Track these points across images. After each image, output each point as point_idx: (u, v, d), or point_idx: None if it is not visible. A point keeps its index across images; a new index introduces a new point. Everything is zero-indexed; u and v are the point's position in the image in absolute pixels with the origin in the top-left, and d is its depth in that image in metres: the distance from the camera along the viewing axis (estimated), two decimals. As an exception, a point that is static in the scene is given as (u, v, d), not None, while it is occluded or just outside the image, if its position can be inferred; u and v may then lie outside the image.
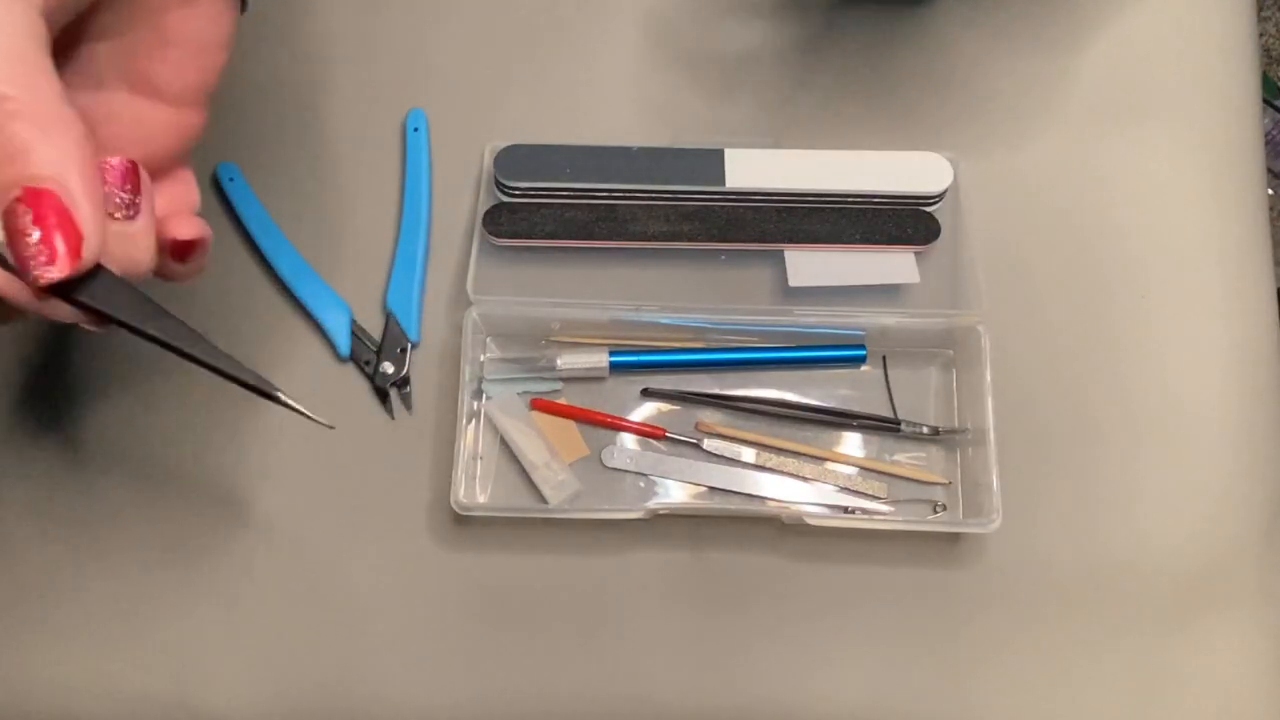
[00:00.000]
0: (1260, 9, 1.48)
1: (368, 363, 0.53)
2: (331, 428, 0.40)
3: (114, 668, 0.50)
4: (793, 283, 0.53)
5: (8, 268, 0.32)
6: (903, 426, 0.52)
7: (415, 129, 0.57)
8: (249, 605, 0.50)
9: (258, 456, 0.52)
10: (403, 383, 0.53)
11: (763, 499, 0.51)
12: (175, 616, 0.50)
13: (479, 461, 0.52)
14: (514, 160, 0.54)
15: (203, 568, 0.51)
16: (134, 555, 0.51)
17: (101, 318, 0.34)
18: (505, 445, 0.52)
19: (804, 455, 0.52)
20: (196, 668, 0.50)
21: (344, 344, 0.54)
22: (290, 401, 0.38)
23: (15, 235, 0.31)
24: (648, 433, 0.52)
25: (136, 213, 0.34)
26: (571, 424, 0.53)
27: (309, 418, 0.39)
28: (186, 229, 0.38)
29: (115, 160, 0.34)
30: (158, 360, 0.53)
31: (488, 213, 0.54)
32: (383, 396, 0.53)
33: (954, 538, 0.51)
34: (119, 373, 0.54)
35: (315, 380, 0.54)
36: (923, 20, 0.59)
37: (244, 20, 0.61)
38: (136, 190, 0.34)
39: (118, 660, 0.50)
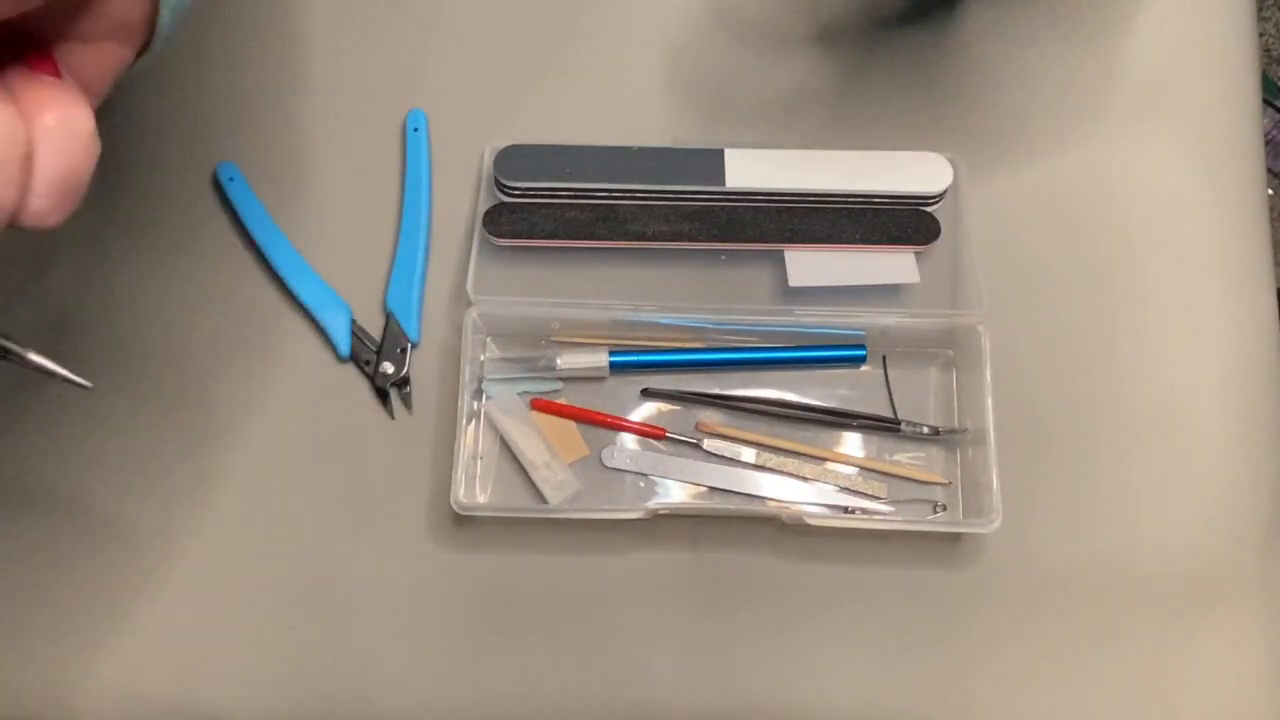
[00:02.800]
0: (1260, 9, 1.48)
1: (368, 363, 0.53)
2: (88, 387, 0.36)
3: (114, 668, 0.50)
4: (793, 283, 0.53)
5: None
6: (903, 426, 0.52)
7: (415, 129, 0.57)
8: (249, 605, 0.50)
9: (257, 456, 0.52)
10: (403, 383, 0.53)
11: (763, 499, 0.51)
12: (175, 616, 0.50)
13: (479, 461, 0.52)
14: (514, 160, 0.54)
15: (202, 567, 0.51)
16: (134, 555, 0.51)
17: None
18: (505, 445, 0.52)
19: (804, 455, 0.52)
20: (196, 668, 0.50)
21: (344, 344, 0.54)
22: (39, 360, 0.35)
23: None
24: (648, 433, 0.52)
25: None
26: (571, 424, 0.53)
27: (66, 378, 0.35)
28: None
29: None
30: (158, 361, 0.54)
31: (488, 213, 0.54)
32: (383, 396, 0.53)
33: (954, 538, 0.51)
34: (118, 373, 0.54)
35: (315, 380, 0.54)
36: (923, 23, 0.59)
37: (244, 20, 0.61)
38: None
39: (118, 660, 0.50)
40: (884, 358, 0.54)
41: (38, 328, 0.54)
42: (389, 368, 0.53)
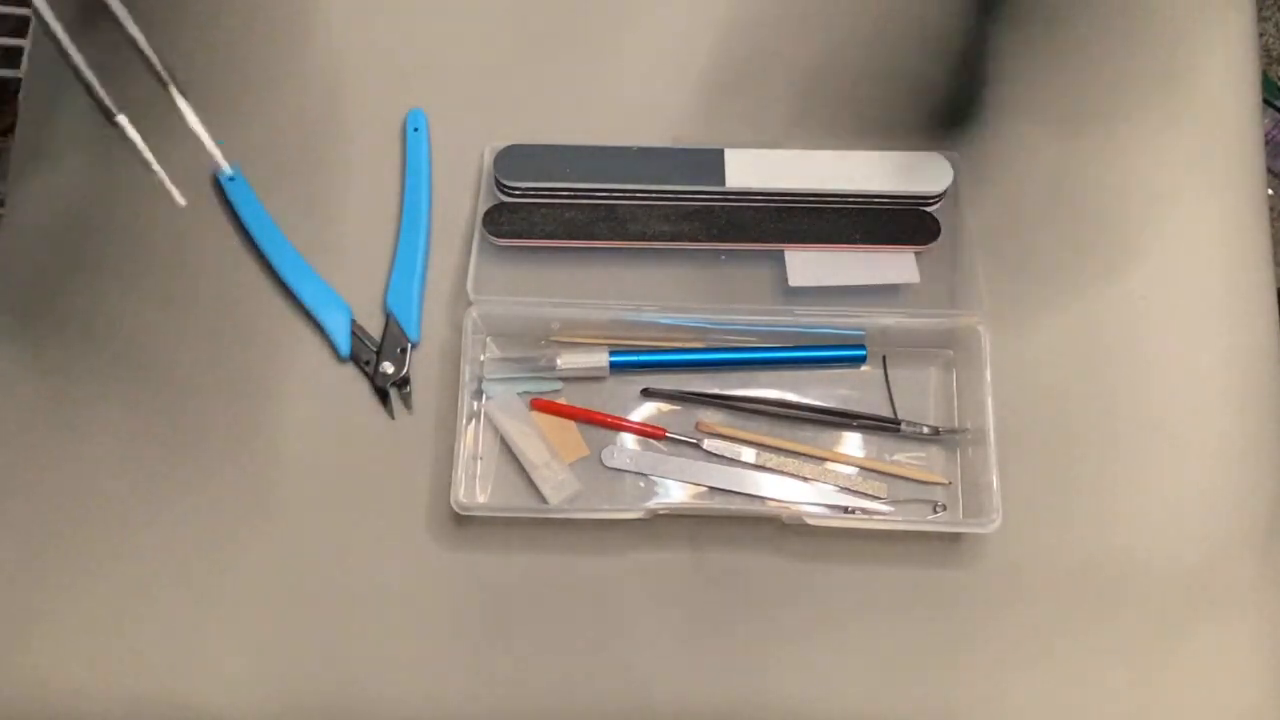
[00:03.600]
0: (1260, 9, 1.48)
1: (368, 363, 0.53)
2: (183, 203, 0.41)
3: (114, 668, 0.50)
4: (793, 283, 0.53)
5: None
6: (903, 426, 0.52)
7: (415, 129, 0.57)
8: (249, 605, 0.50)
9: (258, 458, 0.52)
10: (403, 383, 0.53)
11: (763, 499, 0.51)
12: (175, 617, 0.50)
13: (479, 461, 0.52)
14: (514, 160, 0.54)
15: (203, 568, 0.51)
16: (134, 556, 0.51)
17: None
18: (505, 445, 0.52)
19: (804, 455, 0.52)
20: (196, 668, 0.50)
21: (344, 344, 0.54)
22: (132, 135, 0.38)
23: None
24: (648, 433, 0.52)
25: None
26: (571, 424, 0.53)
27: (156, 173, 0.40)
28: None
29: None
30: (159, 361, 0.54)
31: (488, 213, 0.54)
32: (383, 396, 0.53)
33: (954, 538, 0.51)
34: (119, 372, 0.54)
35: (315, 380, 0.54)
36: (923, 21, 0.59)
37: (244, 21, 0.61)
38: None
39: (118, 660, 0.50)
40: (884, 358, 0.54)
41: (41, 329, 0.54)
42: (389, 368, 0.53)
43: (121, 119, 0.38)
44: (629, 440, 0.53)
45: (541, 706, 0.49)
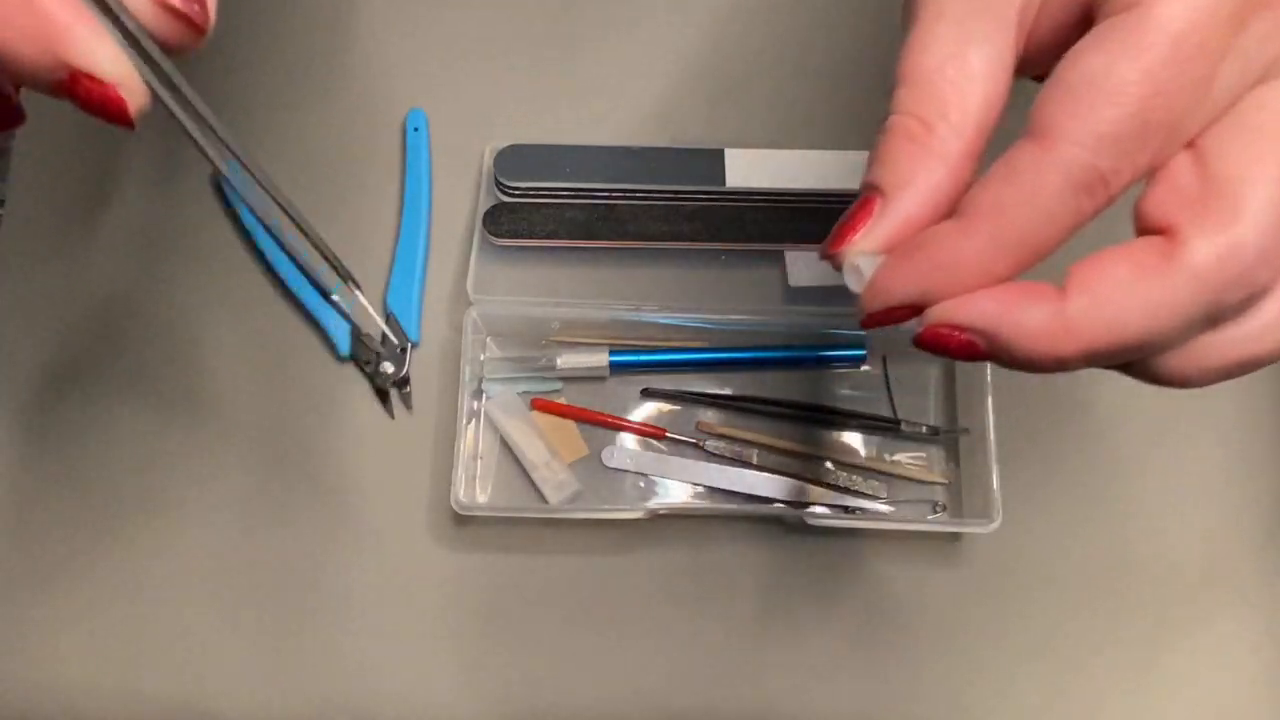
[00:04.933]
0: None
1: (368, 363, 0.53)
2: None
3: (114, 668, 0.50)
4: (793, 283, 0.53)
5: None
6: (903, 426, 0.52)
7: (415, 129, 0.57)
8: (248, 605, 0.50)
9: (257, 456, 0.52)
10: (403, 383, 0.53)
11: (763, 499, 0.51)
12: (174, 616, 0.50)
13: (479, 461, 0.52)
14: (514, 160, 0.54)
15: (201, 567, 0.51)
16: (131, 556, 0.51)
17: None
18: (505, 445, 0.52)
19: (804, 455, 0.52)
20: (196, 667, 0.50)
21: (344, 344, 0.54)
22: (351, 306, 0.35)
23: None
24: (648, 433, 0.52)
25: None
26: (571, 424, 0.53)
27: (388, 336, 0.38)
28: None
29: None
30: (157, 361, 0.54)
31: (488, 213, 0.54)
32: (383, 396, 0.53)
33: (954, 538, 0.51)
34: (117, 373, 0.54)
35: (315, 380, 0.54)
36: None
37: (243, 20, 0.61)
38: None
39: (118, 660, 0.50)
40: (884, 358, 0.54)
41: (38, 330, 0.54)
42: (389, 368, 0.53)
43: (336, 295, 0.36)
44: (629, 440, 0.53)
45: (541, 706, 0.49)
